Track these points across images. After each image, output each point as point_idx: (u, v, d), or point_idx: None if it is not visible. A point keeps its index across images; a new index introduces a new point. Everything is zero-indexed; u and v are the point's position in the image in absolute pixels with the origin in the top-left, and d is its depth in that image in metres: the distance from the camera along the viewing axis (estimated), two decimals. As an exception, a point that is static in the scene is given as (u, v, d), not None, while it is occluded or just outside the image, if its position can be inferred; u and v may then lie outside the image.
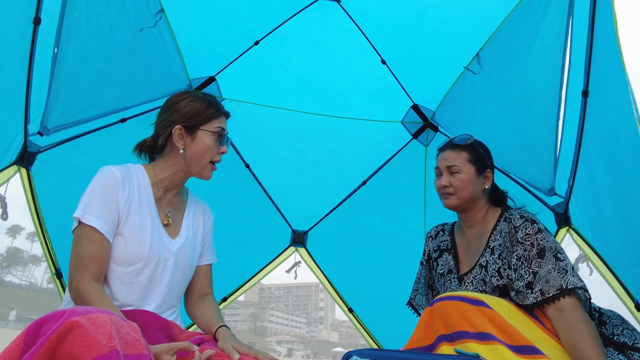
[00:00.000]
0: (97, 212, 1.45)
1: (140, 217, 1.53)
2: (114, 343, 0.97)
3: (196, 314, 1.72)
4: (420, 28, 2.98)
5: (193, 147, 1.60)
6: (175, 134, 1.60)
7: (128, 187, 1.53)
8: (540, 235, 1.62)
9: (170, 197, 1.66)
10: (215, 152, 1.63)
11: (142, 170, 1.61)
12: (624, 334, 1.56)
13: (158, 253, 1.54)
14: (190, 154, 1.60)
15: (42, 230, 2.77)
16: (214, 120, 1.63)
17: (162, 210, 1.61)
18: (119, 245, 1.49)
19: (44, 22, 2.21)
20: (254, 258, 3.63)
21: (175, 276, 1.59)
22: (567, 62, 2.34)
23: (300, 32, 3.12)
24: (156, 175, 1.62)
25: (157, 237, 1.56)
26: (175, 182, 1.65)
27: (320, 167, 3.59)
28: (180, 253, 1.61)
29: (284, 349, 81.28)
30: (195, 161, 1.61)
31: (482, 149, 1.88)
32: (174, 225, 1.64)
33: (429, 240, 2.02)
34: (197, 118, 1.61)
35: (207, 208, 1.81)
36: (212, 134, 1.62)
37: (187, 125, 1.60)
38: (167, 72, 3.01)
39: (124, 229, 1.50)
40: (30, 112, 2.39)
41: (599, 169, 2.32)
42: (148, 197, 1.58)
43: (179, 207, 1.69)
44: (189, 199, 1.76)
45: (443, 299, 1.50)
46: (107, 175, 1.51)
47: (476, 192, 1.81)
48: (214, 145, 1.63)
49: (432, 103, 3.38)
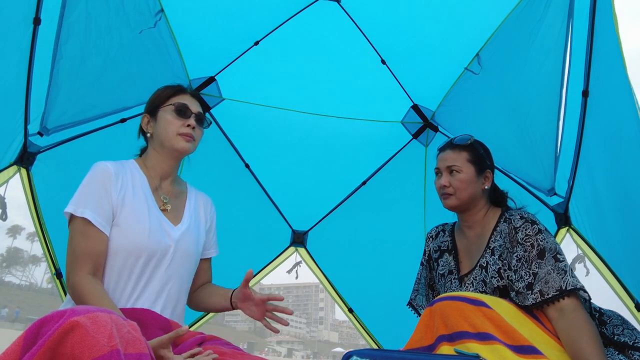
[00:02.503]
0: (91, 205, 1.47)
1: (136, 207, 1.54)
2: (114, 342, 0.97)
3: (201, 296, 1.76)
4: (420, 28, 2.97)
5: (157, 127, 1.68)
6: (143, 122, 1.71)
7: (121, 179, 1.55)
8: (541, 236, 1.62)
9: (166, 185, 1.70)
10: (178, 124, 1.66)
11: (134, 164, 1.67)
12: (625, 333, 1.55)
13: (158, 240, 1.54)
14: (157, 133, 1.67)
15: (42, 230, 2.76)
16: (171, 97, 1.70)
17: (159, 198, 1.64)
18: (117, 235, 1.49)
19: (44, 22, 2.21)
20: (254, 258, 3.63)
21: (176, 264, 1.58)
22: (567, 62, 2.34)
23: (300, 32, 3.12)
24: (146, 166, 1.68)
25: (157, 225, 1.56)
26: (165, 169, 1.69)
27: (320, 167, 3.59)
28: (183, 240, 1.61)
29: (284, 349, 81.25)
30: (163, 138, 1.66)
31: (482, 149, 1.87)
32: (175, 213, 1.66)
33: (429, 241, 2.02)
34: (157, 101, 1.70)
35: (208, 199, 1.84)
36: (170, 109, 1.67)
37: (149, 111, 1.70)
38: (167, 72, 3.01)
39: (120, 221, 1.50)
40: (30, 112, 2.39)
41: (599, 169, 2.32)
42: (144, 187, 1.61)
43: (178, 197, 1.72)
44: (189, 190, 1.79)
45: (443, 299, 1.50)
46: (99, 169, 1.54)
47: (476, 193, 1.81)
48: (174, 118, 1.66)
49: (432, 103, 3.37)
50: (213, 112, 3.38)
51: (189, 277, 1.68)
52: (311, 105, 3.41)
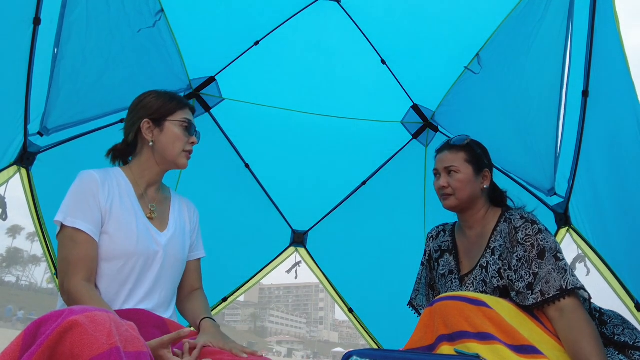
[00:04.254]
0: (80, 213, 1.47)
1: (123, 214, 1.54)
2: (113, 340, 0.97)
3: (184, 308, 1.73)
4: (420, 28, 2.97)
5: (162, 138, 1.65)
6: (143, 127, 1.65)
7: (108, 187, 1.55)
8: (541, 236, 1.62)
9: (152, 193, 1.69)
10: (185, 141, 1.67)
11: (120, 172, 1.65)
12: (625, 333, 1.56)
13: (146, 246, 1.55)
14: (161, 145, 1.65)
15: (42, 231, 2.77)
16: (179, 111, 1.68)
17: (145, 206, 1.64)
18: (105, 242, 1.50)
19: (44, 22, 2.21)
20: (254, 258, 3.63)
21: (165, 269, 1.60)
22: (567, 62, 2.34)
23: (300, 32, 3.12)
24: (134, 174, 1.66)
25: (144, 231, 1.57)
26: (154, 177, 1.68)
27: (320, 167, 3.59)
28: (170, 245, 1.63)
29: (284, 349, 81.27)
30: (167, 151, 1.65)
31: (479, 149, 1.87)
32: (160, 219, 1.66)
33: (430, 241, 2.02)
34: (163, 110, 1.66)
35: (191, 204, 1.85)
36: (179, 124, 1.66)
37: (153, 118, 1.66)
38: (167, 72, 3.01)
39: (109, 227, 1.51)
40: (30, 112, 2.39)
41: (599, 169, 2.32)
42: (130, 195, 1.61)
43: (163, 203, 1.72)
44: (173, 196, 1.79)
45: (443, 299, 1.50)
46: (85, 177, 1.53)
47: (475, 192, 1.81)
48: (183, 134, 1.66)
49: (432, 103, 3.37)
50: (213, 112, 3.38)
51: (176, 282, 1.70)
52: (311, 105, 3.41)
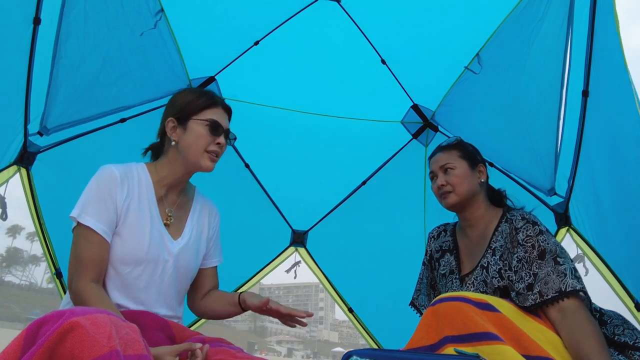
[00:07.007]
0: (95, 212, 1.45)
1: (139, 218, 1.51)
2: (113, 343, 0.97)
3: (204, 305, 1.73)
4: (420, 28, 2.97)
5: (185, 137, 1.58)
6: (168, 126, 1.60)
7: (127, 186, 1.51)
8: (542, 237, 1.62)
9: (173, 196, 1.64)
10: (209, 141, 1.59)
11: (144, 168, 1.60)
12: (625, 333, 1.55)
13: (157, 254, 1.52)
14: (184, 144, 1.58)
15: (42, 230, 2.76)
16: (206, 110, 1.60)
17: (163, 210, 1.59)
18: (117, 245, 1.48)
19: (44, 22, 2.21)
20: (254, 258, 3.63)
21: (174, 279, 1.57)
22: (567, 62, 2.34)
23: (300, 32, 3.11)
24: (158, 173, 1.61)
25: (157, 238, 1.54)
26: (177, 179, 1.62)
27: (320, 167, 3.58)
28: (181, 255, 1.59)
29: (284, 349, 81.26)
30: (189, 151, 1.58)
31: (470, 147, 1.93)
32: (176, 226, 1.62)
33: (431, 241, 2.03)
34: (188, 108, 1.60)
35: (214, 207, 1.79)
36: (203, 124, 1.58)
37: (178, 117, 1.60)
38: (167, 71, 3.01)
39: (122, 230, 1.48)
40: (30, 112, 2.39)
41: (599, 169, 2.32)
42: (149, 196, 1.56)
43: (183, 207, 1.67)
44: (196, 198, 1.73)
45: (446, 300, 1.49)
46: (105, 174, 1.50)
47: (473, 187, 1.84)
48: (207, 134, 1.58)
49: (432, 103, 3.37)
50: (213, 112, 3.37)
51: (185, 290, 1.68)
52: (311, 105, 3.41)
